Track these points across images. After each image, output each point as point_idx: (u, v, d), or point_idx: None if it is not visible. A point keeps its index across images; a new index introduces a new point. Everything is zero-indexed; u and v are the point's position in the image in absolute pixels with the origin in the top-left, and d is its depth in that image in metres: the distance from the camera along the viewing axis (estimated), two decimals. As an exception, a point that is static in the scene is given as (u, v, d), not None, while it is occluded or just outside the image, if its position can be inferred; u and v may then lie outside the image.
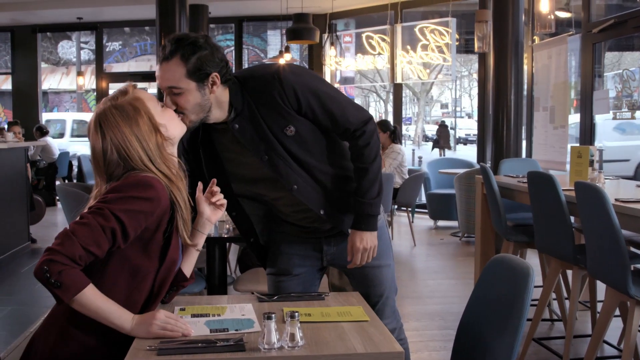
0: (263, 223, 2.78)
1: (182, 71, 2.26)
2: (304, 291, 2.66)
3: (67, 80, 23.60)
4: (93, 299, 1.92)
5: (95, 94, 15.02)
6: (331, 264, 2.78)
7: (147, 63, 16.84)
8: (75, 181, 12.95)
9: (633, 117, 6.84)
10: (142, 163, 2.07)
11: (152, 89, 13.87)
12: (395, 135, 8.40)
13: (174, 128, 2.23)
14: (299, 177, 2.49)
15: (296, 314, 1.84)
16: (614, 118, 7.47)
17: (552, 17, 7.43)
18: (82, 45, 21.74)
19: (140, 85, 2.29)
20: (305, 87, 2.41)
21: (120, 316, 1.95)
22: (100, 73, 14.14)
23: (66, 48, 23.61)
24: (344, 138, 2.57)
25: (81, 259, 1.89)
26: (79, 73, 15.84)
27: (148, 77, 13.72)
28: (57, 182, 12.73)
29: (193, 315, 2.14)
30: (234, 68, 14.26)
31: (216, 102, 2.37)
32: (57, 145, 13.41)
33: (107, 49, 15.80)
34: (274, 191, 2.56)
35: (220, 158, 2.56)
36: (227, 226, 3.98)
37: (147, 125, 2.11)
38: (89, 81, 18.19)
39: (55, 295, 1.89)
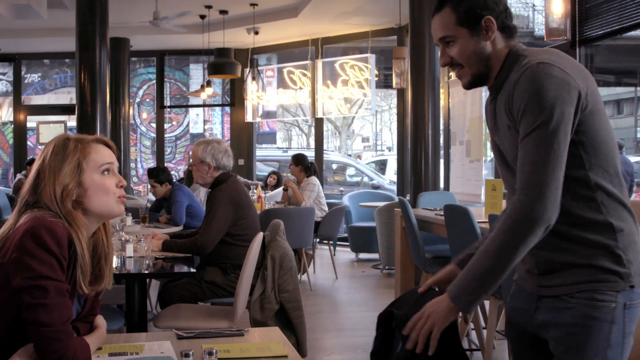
0: None
1: (452, 19, 2.09)
2: None
3: (-17, 112, 22.99)
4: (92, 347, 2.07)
5: (12, 126, 14.66)
6: None
7: (67, 95, 16.56)
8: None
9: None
10: (49, 199, 2.06)
11: (72, 122, 13.62)
12: (310, 171, 8.44)
13: (98, 201, 2.12)
14: None
15: (214, 350, 1.85)
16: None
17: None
18: (0, 76, 21.27)
19: (59, 118, 2.26)
20: None
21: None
22: (18, 105, 13.85)
23: (-18, 79, 23.04)
24: None
25: (69, 329, 1.97)
26: (-5, 105, 15.47)
27: (67, 109, 13.49)
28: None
29: (110, 354, 2.12)
30: (154, 102, 14.18)
31: (496, 55, 2.11)
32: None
33: (26, 81, 15.47)
34: None
35: None
36: (147, 262, 3.96)
37: (71, 168, 2.09)
38: (6, 113, 17.78)
39: None
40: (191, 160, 4.73)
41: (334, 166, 16.77)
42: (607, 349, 1.92)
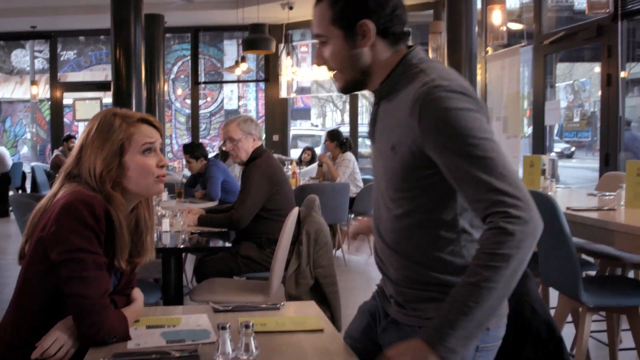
0: None
1: (328, 16, 1.88)
2: None
3: (21, 89, 23.20)
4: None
5: (49, 103, 14.81)
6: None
7: (103, 72, 16.66)
8: (28, 192, 12.75)
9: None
10: (89, 174, 2.07)
11: (107, 98, 13.71)
12: (345, 146, 8.39)
13: (137, 180, 2.12)
14: None
15: (251, 324, 1.84)
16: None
17: (505, 28, 7.56)
18: (36, 54, 21.42)
19: (94, 94, 2.26)
20: None
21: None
22: (54, 82, 13.98)
23: (20, 57, 23.23)
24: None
25: (107, 302, 1.99)
26: (33, 82, 15.61)
27: (103, 86, 13.59)
28: (11, 193, 12.51)
29: (148, 327, 2.13)
30: (189, 78, 14.21)
31: (378, 62, 1.90)
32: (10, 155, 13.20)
33: (62, 58, 15.58)
34: None
35: None
36: (183, 236, 3.97)
37: (113, 149, 2.09)
38: (43, 90, 17.93)
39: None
40: (228, 139, 4.61)
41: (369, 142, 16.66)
42: None
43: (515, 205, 1.63)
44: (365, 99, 26.12)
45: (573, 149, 18.61)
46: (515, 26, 9.04)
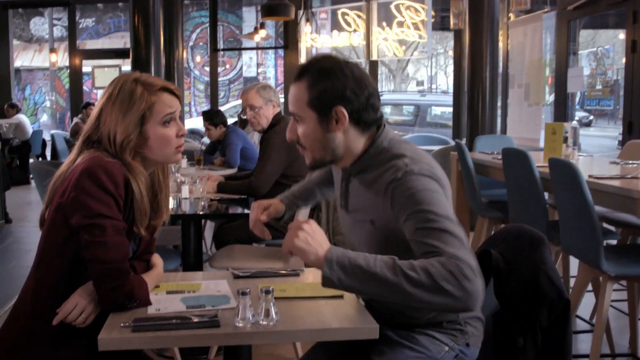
0: None
1: (305, 98, 1.98)
2: None
3: (40, 57, 23.28)
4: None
5: (68, 71, 14.83)
6: None
7: (121, 40, 16.64)
8: (48, 159, 12.84)
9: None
10: (108, 140, 2.06)
11: (126, 65, 13.71)
12: None
13: (157, 150, 2.12)
14: None
15: (271, 289, 1.84)
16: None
17: (528, -6, 7.43)
18: (55, 21, 21.43)
19: (113, 62, 2.23)
20: None
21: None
22: (73, 50, 13.98)
23: (38, 24, 23.28)
24: None
25: (127, 267, 1.99)
26: (52, 50, 15.65)
27: (122, 54, 13.57)
28: (31, 160, 12.61)
29: (168, 292, 2.13)
30: (208, 45, 14.14)
31: (348, 146, 2.03)
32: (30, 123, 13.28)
33: (80, 26, 15.60)
34: None
35: None
36: (203, 203, 3.97)
37: (135, 118, 2.07)
38: (62, 58, 17.97)
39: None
40: (249, 107, 4.58)
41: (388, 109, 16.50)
42: None
43: (468, 272, 1.69)
44: (384, 66, 25.92)
45: (591, 117, 18.46)
46: (538, -8, 8.91)
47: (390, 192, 1.90)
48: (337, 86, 1.95)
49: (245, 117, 4.66)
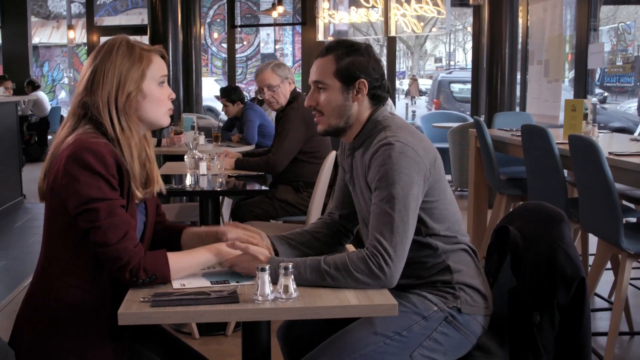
0: None
1: (332, 68, 2.23)
2: None
3: (58, 34, 23.32)
4: (180, 262, 2.01)
5: (86, 48, 14.85)
6: None
7: (139, 16, 16.63)
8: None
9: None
10: (105, 100, 2.02)
11: (144, 42, 13.69)
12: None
13: (152, 110, 2.11)
14: None
15: (289, 266, 1.84)
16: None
17: (548, -31, 7.34)
18: (72, -2, 21.46)
19: (131, 38, 2.21)
20: None
21: (207, 259, 2.07)
22: (91, 27, 13.98)
23: (56, 1, 23.31)
24: None
25: (136, 244, 1.95)
26: (70, 27, 15.67)
27: (139, 30, 13.56)
28: (49, 137, 12.67)
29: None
30: (225, 22, 14.06)
31: (358, 116, 2.28)
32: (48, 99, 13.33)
33: (98, 2, 15.59)
34: None
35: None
36: (220, 180, 3.97)
37: (137, 74, 2.05)
38: (79, 35, 17.99)
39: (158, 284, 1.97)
40: (267, 87, 4.55)
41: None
42: (401, 329, 2.14)
43: (387, 260, 1.99)
44: (402, 43, 25.78)
45: (606, 94, 18.28)
46: (559, -33, 8.80)
47: (369, 161, 2.15)
48: (362, 62, 2.23)
49: (262, 97, 4.63)
